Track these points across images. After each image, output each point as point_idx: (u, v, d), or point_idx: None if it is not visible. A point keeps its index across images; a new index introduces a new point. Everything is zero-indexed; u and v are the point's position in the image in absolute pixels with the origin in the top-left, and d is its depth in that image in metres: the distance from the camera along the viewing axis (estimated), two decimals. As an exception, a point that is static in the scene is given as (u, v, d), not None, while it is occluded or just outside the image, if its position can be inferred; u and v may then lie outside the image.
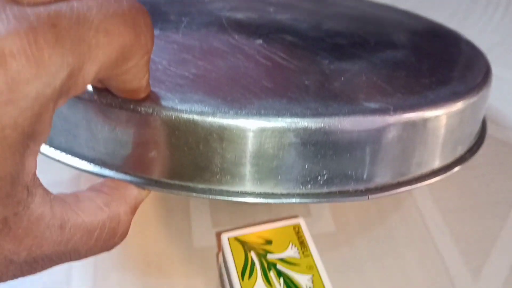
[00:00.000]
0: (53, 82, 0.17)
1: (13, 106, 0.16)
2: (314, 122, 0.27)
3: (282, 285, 0.31)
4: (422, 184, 0.31)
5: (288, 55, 0.34)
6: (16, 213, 0.18)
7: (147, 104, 0.27)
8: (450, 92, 0.32)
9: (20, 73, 0.16)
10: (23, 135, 0.17)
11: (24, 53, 0.16)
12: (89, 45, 0.18)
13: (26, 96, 0.16)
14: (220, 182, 0.28)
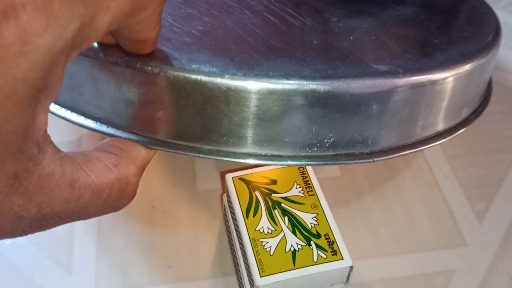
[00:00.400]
0: (65, 34, 0.17)
1: (24, 58, 0.16)
2: (323, 85, 0.27)
3: (286, 224, 0.32)
4: (427, 147, 0.32)
5: (296, 11, 0.33)
6: (27, 169, 0.18)
7: (153, 63, 0.26)
8: (459, 54, 0.31)
9: (31, 24, 0.16)
10: (34, 89, 0.17)
11: (35, 4, 0.15)
12: None
13: (38, 49, 0.16)
14: (227, 143, 0.28)
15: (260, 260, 0.30)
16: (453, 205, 0.40)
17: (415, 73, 0.29)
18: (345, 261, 0.30)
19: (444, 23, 0.35)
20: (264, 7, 0.33)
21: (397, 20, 0.34)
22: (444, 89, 0.30)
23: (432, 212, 0.40)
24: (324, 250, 0.31)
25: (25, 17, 0.15)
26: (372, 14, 0.34)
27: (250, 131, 0.27)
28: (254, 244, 0.31)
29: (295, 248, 0.31)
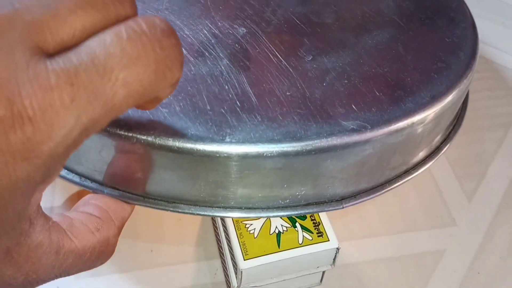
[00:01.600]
0: (66, 141, 0.18)
1: (27, 162, 0.17)
2: (292, 147, 0.28)
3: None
4: (397, 185, 0.33)
5: (273, 50, 0.33)
6: (18, 242, 0.20)
7: (130, 130, 0.27)
8: (430, 96, 0.32)
9: (36, 134, 0.17)
10: (34, 184, 0.18)
11: (41, 117, 0.17)
12: (105, 99, 0.18)
13: (40, 155, 0.17)
14: (203, 201, 0.30)
15: (243, 243, 0.30)
16: (442, 185, 0.41)
17: (383, 126, 0.30)
18: (331, 243, 0.31)
19: (419, 51, 0.35)
20: (240, 47, 0.33)
21: (372, 53, 0.34)
22: (413, 134, 0.31)
23: (421, 192, 0.40)
24: (309, 232, 0.31)
25: (30, 128, 0.17)
26: (348, 46, 0.35)
27: (223, 191, 0.29)
28: (238, 226, 0.31)
29: (280, 230, 0.31)
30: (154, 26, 0.19)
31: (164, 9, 0.36)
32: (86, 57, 0.17)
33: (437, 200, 0.40)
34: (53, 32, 0.17)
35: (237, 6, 0.37)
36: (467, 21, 0.40)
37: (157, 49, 0.19)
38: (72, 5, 0.18)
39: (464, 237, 0.38)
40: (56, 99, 0.17)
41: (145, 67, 0.18)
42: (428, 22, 0.39)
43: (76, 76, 0.17)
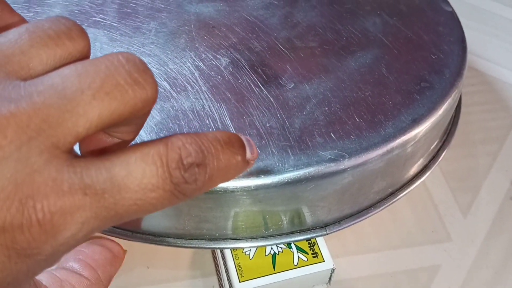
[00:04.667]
0: (70, 242, 0.17)
1: (30, 259, 0.17)
2: (270, 180, 0.29)
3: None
4: (380, 210, 0.34)
5: (254, 76, 0.34)
6: None
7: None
8: (411, 119, 0.32)
9: (42, 235, 0.17)
10: (34, 275, 0.18)
11: (50, 219, 0.16)
12: (116, 211, 0.17)
13: (44, 252, 0.17)
14: (189, 233, 0.31)
15: (239, 264, 0.31)
16: (437, 199, 0.41)
17: (362, 154, 0.30)
18: (326, 264, 0.32)
19: (403, 72, 0.36)
20: (222, 78, 0.34)
21: (354, 77, 0.35)
22: (394, 158, 0.32)
23: (416, 206, 0.41)
24: (304, 253, 0.32)
25: (37, 229, 0.16)
26: (331, 71, 0.35)
27: (207, 224, 0.30)
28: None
29: (275, 251, 0.32)
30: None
31: (150, 43, 0.37)
32: (106, 174, 0.17)
33: (432, 215, 0.40)
34: (71, 132, 0.16)
35: (222, 34, 0.38)
36: (456, 35, 0.40)
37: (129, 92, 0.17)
38: (90, 98, 0.17)
39: (459, 252, 0.38)
40: (67, 206, 0.16)
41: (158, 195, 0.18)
42: (414, 38, 0.39)
43: (91, 188, 0.17)
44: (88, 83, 0.17)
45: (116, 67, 0.17)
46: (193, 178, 0.18)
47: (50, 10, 0.39)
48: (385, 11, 0.41)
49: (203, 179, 0.18)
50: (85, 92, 0.16)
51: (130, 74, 0.17)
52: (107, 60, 0.17)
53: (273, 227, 0.31)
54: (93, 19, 0.39)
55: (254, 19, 0.39)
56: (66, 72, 0.17)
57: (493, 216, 0.40)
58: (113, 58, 0.17)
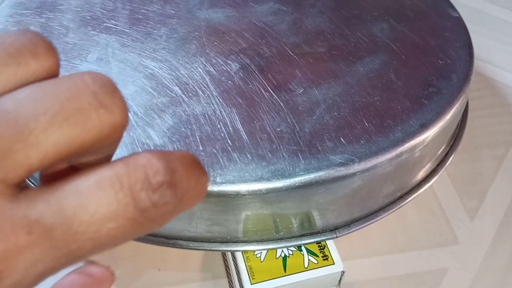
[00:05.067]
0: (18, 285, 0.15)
1: None
2: (281, 184, 0.29)
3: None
4: (389, 213, 0.34)
5: (264, 82, 0.35)
6: None
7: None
8: (419, 124, 0.33)
9: None
10: None
11: None
12: (68, 251, 0.15)
13: None
14: (201, 236, 0.31)
15: (250, 267, 0.32)
16: (444, 203, 0.42)
17: (371, 158, 0.31)
18: (336, 266, 0.32)
19: (411, 77, 0.36)
20: (233, 83, 0.35)
21: (363, 82, 0.35)
22: (403, 162, 0.32)
23: (423, 210, 0.41)
24: (315, 255, 0.32)
25: None
26: (340, 76, 0.36)
27: (218, 227, 0.31)
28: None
29: (286, 254, 0.32)
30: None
31: (161, 48, 0.37)
32: (55, 206, 0.15)
33: (439, 219, 0.41)
34: (22, 165, 0.14)
35: (232, 40, 0.38)
36: (462, 40, 0.40)
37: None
38: (45, 125, 0.14)
39: (466, 255, 0.39)
40: (9, 248, 0.14)
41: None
42: (422, 43, 0.39)
43: (36, 226, 0.14)
44: (45, 107, 0.14)
45: (79, 88, 0.15)
46: (164, 200, 0.15)
47: (62, 16, 0.40)
48: (392, 17, 0.41)
49: (175, 201, 0.15)
50: (40, 118, 0.14)
51: (96, 96, 0.15)
52: (71, 80, 0.15)
53: (283, 230, 0.31)
54: (104, 25, 0.39)
55: (263, 25, 0.40)
56: (21, 95, 0.15)
57: (500, 220, 0.41)
58: (78, 78, 0.15)
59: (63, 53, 0.37)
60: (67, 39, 0.38)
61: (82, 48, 0.37)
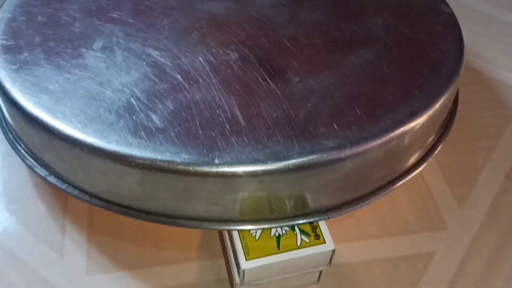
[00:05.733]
0: None
1: None
2: (276, 166, 0.31)
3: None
4: (381, 196, 0.36)
5: (262, 71, 0.36)
6: None
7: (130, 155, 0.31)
8: (409, 112, 0.34)
9: None
10: None
11: None
12: None
13: None
14: (199, 216, 0.33)
15: (246, 244, 0.33)
16: (434, 191, 0.43)
17: (362, 144, 0.32)
18: (327, 245, 0.33)
19: (403, 68, 0.38)
20: (232, 72, 0.36)
21: (357, 72, 0.37)
22: (392, 149, 0.34)
23: (414, 197, 0.43)
24: (307, 235, 0.34)
25: None
26: (335, 66, 0.37)
27: (216, 207, 0.32)
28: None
29: (280, 233, 0.34)
30: None
31: (164, 38, 0.39)
32: None
33: (429, 206, 0.42)
34: None
35: (232, 31, 0.40)
36: (453, 34, 0.42)
37: None
38: None
39: (454, 240, 0.40)
40: None
41: None
42: (414, 37, 0.41)
43: None
44: None
45: None
46: None
47: (68, 7, 0.42)
48: (387, 12, 0.43)
49: None
50: None
51: None
52: None
53: (278, 210, 0.33)
54: (109, 15, 0.41)
55: (262, 17, 0.41)
56: None
57: (488, 208, 0.42)
58: None
59: (70, 42, 0.39)
60: (73, 28, 0.40)
61: (88, 37, 0.39)
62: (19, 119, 0.35)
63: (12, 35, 0.39)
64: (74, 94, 0.34)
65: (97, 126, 0.32)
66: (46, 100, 0.34)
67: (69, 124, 0.33)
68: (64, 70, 0.36)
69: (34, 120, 0.33)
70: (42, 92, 0.35)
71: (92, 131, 0.32)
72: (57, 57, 0.37)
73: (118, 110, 0.33)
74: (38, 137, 0.34)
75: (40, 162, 0.37)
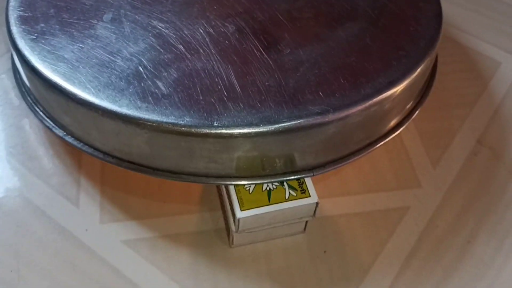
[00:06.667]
0: None
1: None
2: (267, 129, 0.35)
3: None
4: (360, 157, 0.40)
5: (256, 42, 0.40)
6: None
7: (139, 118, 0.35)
8: (387, 81, 0.39)
9: None
10: None
11: None
12: None
13: None
14: (200, 172, 0.37)
15: (240, 197, 0.38)
16: (411, 152, 0.48)
17: (344, 109, 0.37)
18: (312, 198, 0.38)
19: (384, 41, 0.42)
20: (229, 43, 0.40)
21: (343, 45, 0.41)
22: (371, 115, 0.38)
23: (393, 158, 0.48)
24: (294, 189, 0.39)
25: None
26: (323, 39, 0.41)
27: (215, 164, 0.37)
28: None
29: (270, 187, 0.39)
30: None
31: (167, 11, 0.43)
32: None
33: (406, 166, 0.47)
34: None
35: (230, 5, 0.43)
36: (434, 10, 0.45)
37: None
38: None
39: (427, 197, 0.45)
40: None
41: None
42: (398, 12, 0.45)
43: None
44: None
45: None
46: None
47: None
48: (373, -13, 0.46)
49: None
50: None
51: None
52: None
53: (269, 168, 0.38)
54: (117, -12, 0.44)
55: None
56: None
57: (459, 168, 0.47)
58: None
59: (82, 13, 0.42)
60: (84, 1, 0.43)
61: (97, 9, 0.43)
62: (39, 84, 0.39)
63: (29, 7, 0.43)
64: (87, 62, 0.38)
65: (109, 92, 0.37)
66: (63, 67, 0.38)
67: (84, 90, 0.37)
68: (77, 40, 0.40)
69: (52, 86, 0.38)
70: (59, 60, 0.39)
71: (105, 96, 0.36)
72: (71, 28, 0.41)
73: (128, 77, 0.37)
74: (56, 101, 0.39)
75: (57, 123, 0.41)
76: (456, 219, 0.44)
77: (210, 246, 0.42)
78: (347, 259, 0.42)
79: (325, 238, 0.42)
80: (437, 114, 0.50)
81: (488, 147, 0.49)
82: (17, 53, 0.40)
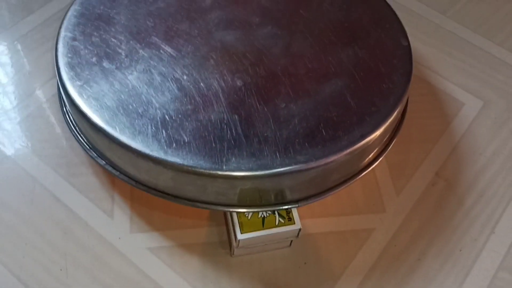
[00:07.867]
0: None
1: None
2: (263, 173, 0.46)
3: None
4: (336, 191, 0.51)
5: (259, 97, 0.51)
6: None
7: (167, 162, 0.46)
8: (360, 135, 0.49)
9: None
10: None
11: None
12: None
13: None
14: (211, 201, 0.49)
15: (241, 222, 0.49)
16: (380, 181, 0.59)
17: (324, 159, 0.47)
18: (296, 225, 0.50)
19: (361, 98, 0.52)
20: (237, 96, 0.51)
21: (327, 101, 0.51)
22: (346, 161, 0.49)
23: (365, 185, 0.59)
24: (283, 217, 0.50)
25: None
26: (311, 94, 0.52)
27: (223, 196, 0.48)
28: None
29: (264, 215, 0.50)
30: None
31: (188, 64, 0.53)
32: None
33: (375, 193, 0.58)
34: None
35: (238, 60, 0.54)
36: (405, 67, 0.56)
37: None
38: None
39: (389, 220, 0.56)
40: None
41: None
42: (375, 69, 0.55)
43: None
44: None
45: None
46: None
47: (114, 29, 0.55)
48: (357, 44, 0.56)
49: None
50: None
51: None
52: None
53: (264, 200, 0.49)
54: (147, 40, 0.54)
55: (262, 47, 0.55)
56: None
57: (418, 196, 0.58)
58: None
59: (119, 62, 0.53)
60: (120, 51, 0.54)
61: (131, 59, 0.53)
62: (86, 125, 0.50)
63: (75, 54, 0.53)
64: (125, 109, 0.49)
65: (142, 137, 0.47)
66: (106, 114, 0.49)
67: (123, 135, 0.47)
68: (117, 90, 0.50)
69: (98, 130, 0.48)
70: (102, 107, 0.49)
71: (139, 140, 0.47)
72: (110, 77, 0.51)
73: (157, 125, 0.48)
74: (100, 140, 0.49)
75: (98, 153, 0.52)
76: (411, 239, 0.55)
77: (215, 255, 0.53)
78: (322, 268, 0.53)
79: (306, 251, 0.54)
80: (405, 148, 0.61)
81: (444, 179, 0.60)
82: (66, 96, 0.51)
